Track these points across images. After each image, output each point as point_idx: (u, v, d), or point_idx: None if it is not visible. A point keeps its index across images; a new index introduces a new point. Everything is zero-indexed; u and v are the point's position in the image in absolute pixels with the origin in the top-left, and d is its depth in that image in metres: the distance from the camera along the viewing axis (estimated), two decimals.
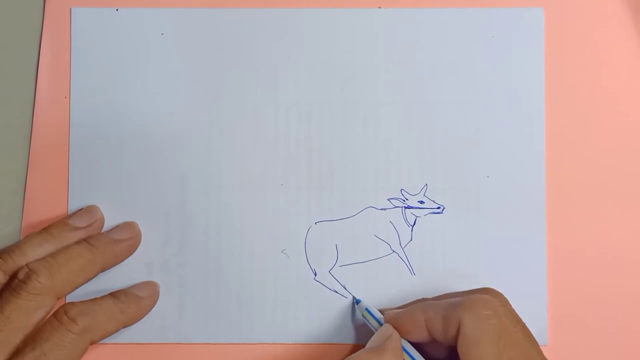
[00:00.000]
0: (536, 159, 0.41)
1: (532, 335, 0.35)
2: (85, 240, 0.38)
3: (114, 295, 0.38)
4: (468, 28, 0.42)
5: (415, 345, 0.36)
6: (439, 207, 0.41)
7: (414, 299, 0.39)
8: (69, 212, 0.40)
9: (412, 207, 0.41)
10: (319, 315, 0.40)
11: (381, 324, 0.37)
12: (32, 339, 0.35)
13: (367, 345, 0.35)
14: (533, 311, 0.40)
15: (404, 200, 0.41)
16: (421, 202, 0.41)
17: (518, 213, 0.41)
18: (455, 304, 0.34)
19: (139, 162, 0.41)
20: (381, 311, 0.38)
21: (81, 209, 0.40)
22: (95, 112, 0.41)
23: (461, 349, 0.33)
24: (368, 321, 0.38)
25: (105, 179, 0.41)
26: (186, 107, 0.41)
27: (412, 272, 0.41)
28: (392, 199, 0.41)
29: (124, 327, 0.38)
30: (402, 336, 0.36)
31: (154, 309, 0.40)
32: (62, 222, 0.39)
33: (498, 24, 0.42)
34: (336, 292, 0.40)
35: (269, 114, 0.41)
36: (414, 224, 0.41)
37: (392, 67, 0.41)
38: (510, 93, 0.41)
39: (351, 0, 0.42)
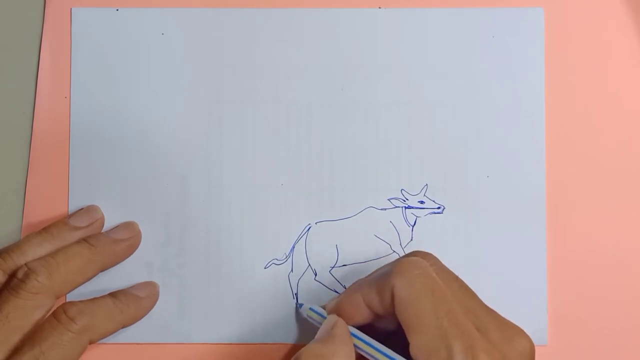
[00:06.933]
0: (536, 159, 0.41)
1: (469, 288, 0.35)
2: (85, 239, 0.38)
3: (113, 295, 0.38)
4: (468, 28, 0.42)
5: (365, 328, 0.35)
6: (439, 207, 0.41)
7: None
8: (69, 212, 0.40)
9: (412, 207, 0.41)
10: None
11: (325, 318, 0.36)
12: (30, 338, 0.35)
13: (316, 337, 0.35)
14: (533, 311, 0.40)
15: (404, 200, 0.41)
16: (421, 202, 0.41)
17: (518, 213, 0.41)
18: (386, 272, 0.34)
19: (139, 162, 0.41)
20: (322, 307, 0.38)
21: (81, 208, 0.40)
22: (95, 112, 0.41)
23: (399, 313, 0.33)
24: (314, 319, 0.38)
25: (105, 179, 0.41)
26: (186, 107, 0.41)
27: None
28: (392, 199, 0.41)
29: (123, 327, 0.38)
30: (348, 323, 0.35)
31: (154, 309, 0.40)
32: (62, 222, 0.39)
33: (498, 24, 0.42)
34: (336, 292, 0.40)
35: (269, 114, 0.41)
36: (414, 224, 0.41)
37: (392, 67, 0.41)
38: (510, 93, 0.41)
39: (351, 0, 0.42)
